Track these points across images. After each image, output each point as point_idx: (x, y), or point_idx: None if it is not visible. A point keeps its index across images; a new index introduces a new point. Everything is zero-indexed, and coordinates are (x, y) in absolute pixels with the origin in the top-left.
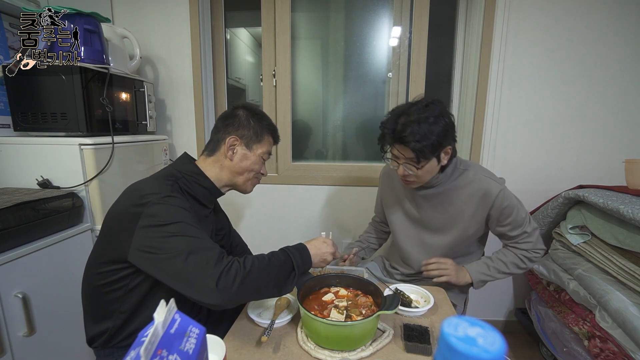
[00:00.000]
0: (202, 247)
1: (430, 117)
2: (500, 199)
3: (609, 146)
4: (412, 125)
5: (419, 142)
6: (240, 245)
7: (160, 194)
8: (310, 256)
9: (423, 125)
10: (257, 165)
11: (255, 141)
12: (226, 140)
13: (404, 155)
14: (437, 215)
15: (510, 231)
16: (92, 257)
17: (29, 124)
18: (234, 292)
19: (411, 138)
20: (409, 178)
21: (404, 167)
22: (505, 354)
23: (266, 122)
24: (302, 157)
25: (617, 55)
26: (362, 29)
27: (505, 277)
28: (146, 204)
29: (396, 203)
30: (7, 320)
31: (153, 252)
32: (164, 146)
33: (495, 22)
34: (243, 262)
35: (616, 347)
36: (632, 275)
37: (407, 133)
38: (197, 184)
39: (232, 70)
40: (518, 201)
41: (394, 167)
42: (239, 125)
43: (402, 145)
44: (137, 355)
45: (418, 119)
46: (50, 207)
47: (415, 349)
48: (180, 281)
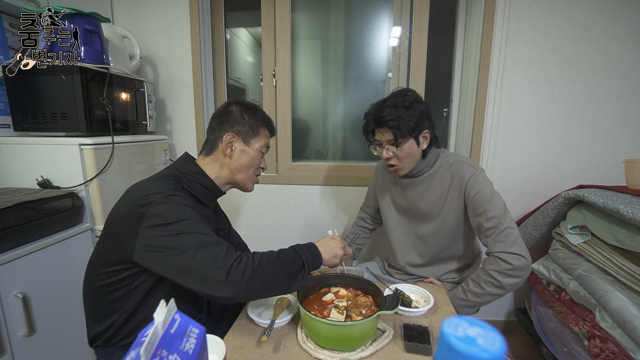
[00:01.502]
0: (209, 242)
1: (406, 102)
2: (472, 182)
3: (609, 146)
4: (388, 108)
5: (395, 121)
6: (240, 245)
7: (164, 193)
8: (320, 253)
9: (399, 109)
10: (256, 160)
11: (252, 135)
12: (223, 138)
13: (385, 137)
14: (422, 202)
15: (485, 222)
16: (94, 258)
17: (29, 124)
18: (244, 285)
19: (389, 117)
20: (392, 161)
21: (385, 151)
22: (505, 354)
23: (260, 115)
24: (302, 157)
25: (617, 55)
26: (362, 29)
27: (486, 299)
28: (150, 203)
29: (387, 193)
30: (7, 320)
31: (160, 250)
32: (164, 146)
33: (495, 22)
34: (252, 256)
35: (616, 347)
36: (632, 275)
37: (385, 114)
38: (198, 183)
39: (232, 70)
40: (494, 192)
41: (377, 153)
42: (234, 121)
43: (383, 127)
44: (137, 355)
45: (394, 102)
46: (50, 207)
47: (415, 349)
48: (190, 276)
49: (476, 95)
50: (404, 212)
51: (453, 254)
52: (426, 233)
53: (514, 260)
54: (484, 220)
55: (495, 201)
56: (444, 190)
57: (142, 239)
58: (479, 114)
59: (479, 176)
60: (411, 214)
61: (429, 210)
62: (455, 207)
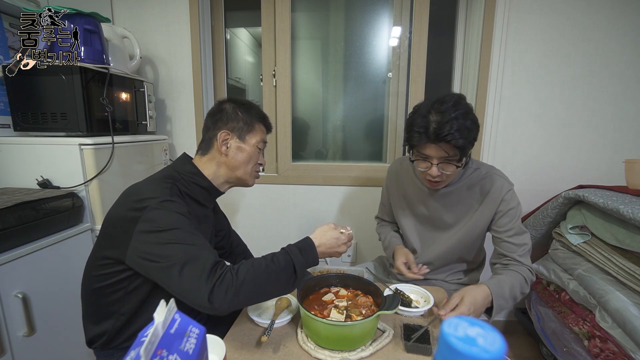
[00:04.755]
0: (197, 255)
1: (465, 114)
2: (509, 197)
3: (609, 146)
4: (451, 122)
5: (462, 139)
6: (240, 245)
7: (159, 198)
8: (315, 247)
9: (461, 121)
10: (254, 156)
11: (247, 132)
12: (218, 136)
13: (442, 154)
14: (448, 213)
15: (510, 238)
16: (91, 259)
17: (29, 124)
18: (227, 304)
19: (458, 135)
20: (439, 178)
21: (437, 168)
22: (505, 354)
23: (254, 110)
24: (302, 157)
25: (618, 55)
26: (362, 29)
27: (512, 303)
28: (144, 208)
29: (404, 202)
30: (7, 320)
31: (150, 259)
32: (164, 146)
33: (495, 22)
34: (237, 272)
35: (616, 347)
36: (632, 275)
37: (450, 131)
38: (195, 184)
39: (232, 70)
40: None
41: (423, 168)
42: (228, 119)
43: (442, 143)
44: (137, 356)
45: (456, 115)
46: (50, 207)
47: (415, 349)
48: (175, 293)
49: (476, 95)
50: (424, 221)
51: (464, 259)
52: (445, 242)
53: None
54: (510, 237)
55: (519, 221)
56: (474, 202)
57: (134, 243)
58: (479, 113)
59: (514, 191)
60: (432, 224)
61: (452, 221)
62: (483, 220)
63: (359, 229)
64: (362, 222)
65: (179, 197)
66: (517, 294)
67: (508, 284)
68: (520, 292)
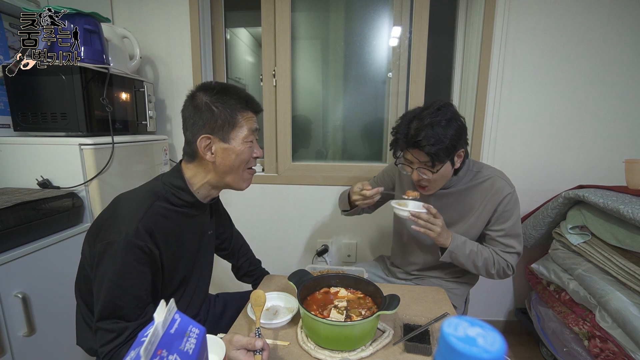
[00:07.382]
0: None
1: (443, 121)
2: (507, 199)
3: (609, 146)
4: (425, 129)
5: (433, 146)
6: (243, 246)
7: (127, 237)
8: None
9: (436, 129)
10: (245, 155)
11: (230, 129)
12: (198, 143)
13: (418, 160)
14: (446, 214)
15: (499, 237)
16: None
17: (29, 124)
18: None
19: (425, 142)
20: (423, 183)
21: (417, 172)
22: (505, 354)
23: (234, 97)
24: (302, 157)
25: (618, 55)
26: (362, 29)
27: (470, 268)
28: (111, 242)
29: None
30: (7, 320)
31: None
32: (164, 146)
33: (495, 22)
34: None
35: (616, 347)
36: (632, 275)
37: (422, 137)
38: (179, 198)
39: (232, 70)
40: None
41: (407, 172)
42: (204, 120)
43: (416, 149)
44: (137, 355)
45: (431, 122)
46: (50, 207)
47: (415, 349)
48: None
49: (476, 95)
50: None
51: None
52: None
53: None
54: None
55: (517, 225)
56: (474, 204)
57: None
58: (479, 113)
59: (514, 195)
60: None
61: (451, 222)
62: (482, 221)
63: (359, 229)
64: (362, 222)
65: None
66: (478, 263)
67: (474, 248)
68: (483, 265)
